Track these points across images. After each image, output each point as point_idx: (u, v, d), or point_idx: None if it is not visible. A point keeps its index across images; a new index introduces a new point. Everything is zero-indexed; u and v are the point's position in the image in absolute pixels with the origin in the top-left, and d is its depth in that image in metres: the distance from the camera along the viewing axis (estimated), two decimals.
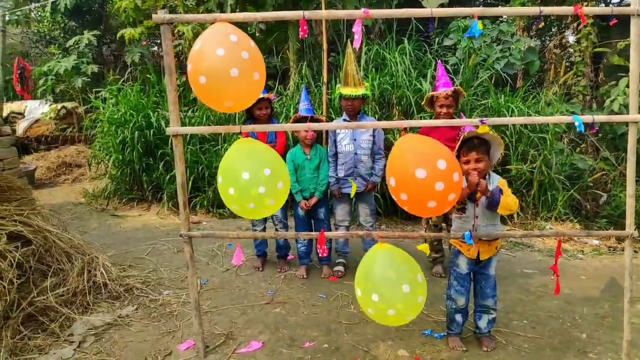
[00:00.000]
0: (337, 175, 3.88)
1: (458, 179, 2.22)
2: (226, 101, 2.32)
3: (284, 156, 3.96)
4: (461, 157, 2.63)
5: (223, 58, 2.18)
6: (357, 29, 2.25)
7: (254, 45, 2.30)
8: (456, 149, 2.63)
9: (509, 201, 2.60)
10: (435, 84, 3.80)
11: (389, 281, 2.33)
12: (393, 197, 2.34)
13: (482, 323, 2.88)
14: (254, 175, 2.32)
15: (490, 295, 2.83)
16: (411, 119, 5.39)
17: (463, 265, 2.82)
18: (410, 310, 2.37)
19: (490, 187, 2.65)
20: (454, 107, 3.66)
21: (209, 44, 2.22)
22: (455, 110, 3.71)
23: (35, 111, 10.66)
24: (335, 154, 3.90)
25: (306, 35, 2.29)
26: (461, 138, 2.61)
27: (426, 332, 3.04)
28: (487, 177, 2.70)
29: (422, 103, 3.90)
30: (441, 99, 3.61)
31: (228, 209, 6.07)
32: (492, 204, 2.61)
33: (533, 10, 2.36)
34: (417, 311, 2.40)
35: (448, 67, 5.91)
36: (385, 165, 4.29)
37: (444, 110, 3.62)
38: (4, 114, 9.79)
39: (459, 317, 2.87)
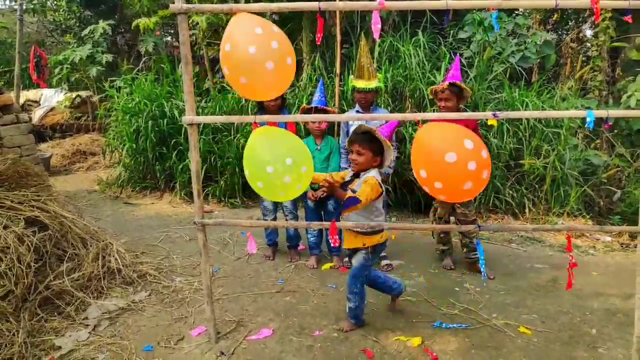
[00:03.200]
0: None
1: (486, 155, 2.27)
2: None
3: None
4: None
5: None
6: (375, 19, 2.25)
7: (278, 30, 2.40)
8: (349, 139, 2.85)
9: (364, 199, 2.69)
10: (444, 77, 3.82)
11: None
12: (425, 189, 2.37)
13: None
14: (278, 167, 2.41)
15: (349, 284, 2.95)
16: (424, 111, 5.37)
17: None
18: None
19: (357, 185, 2.82)
20: (453, 101, 3.64)
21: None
22: (456, 105, 3.68)
23: (51, 99, 10.77)
24: None
25: (319, 42, 2.33)
26: (355, 130, 2.80)
27: (435, 323, 3.07)
28: (362, 173, 2.86)
29: (429, 95, 3.93)
30: (439, 92, 3.67)
31: (239, 198, 6.13)
32: (346, 206, 2.76)
33: (549, 2, 2.34)
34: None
35: (462, 60, 5.86)
36: (396, 157, 4.31)
37: (442, 103, 3.68)
38: (20, 102, 9.92)
39: None
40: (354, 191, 2.77)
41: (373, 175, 2.84)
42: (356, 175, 2.91)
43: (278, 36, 2.37)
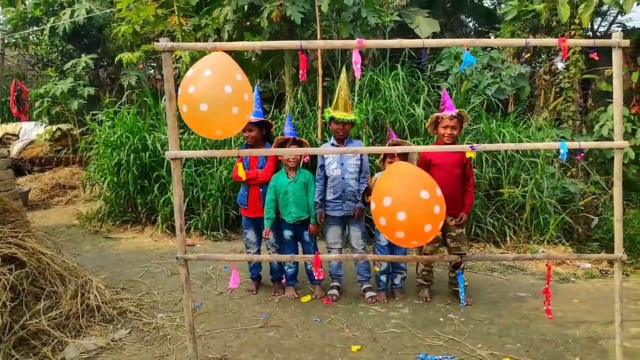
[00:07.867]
0: (321, 199, 3.92)
1: (439, 212, 2.33)
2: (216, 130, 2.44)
3: (268, 183, 3.97)
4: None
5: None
6: (356, 58, 2.32)
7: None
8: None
9: None
10: (440, 107, 3.91)
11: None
12: (379, 219, 2.39)
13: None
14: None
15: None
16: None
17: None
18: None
19: None
20: (458, 129, 3.74)
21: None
22: (459, 134, 3.78)
23: (30, 133, 10.66)
24: (323, 178, 3.95)
25: (305, 79, 2.38)
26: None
27: (421, 355, 3.05)
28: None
29: (427, 125, 3.95)
30: (446, 119, 3.70)
31: (222, 231, 6.08)
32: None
33: (520, 41, 2.46)
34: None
35: (440, 92, 6.03)
36: None
37: (448, 131, 3.70)
38: None
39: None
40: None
41: None
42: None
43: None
